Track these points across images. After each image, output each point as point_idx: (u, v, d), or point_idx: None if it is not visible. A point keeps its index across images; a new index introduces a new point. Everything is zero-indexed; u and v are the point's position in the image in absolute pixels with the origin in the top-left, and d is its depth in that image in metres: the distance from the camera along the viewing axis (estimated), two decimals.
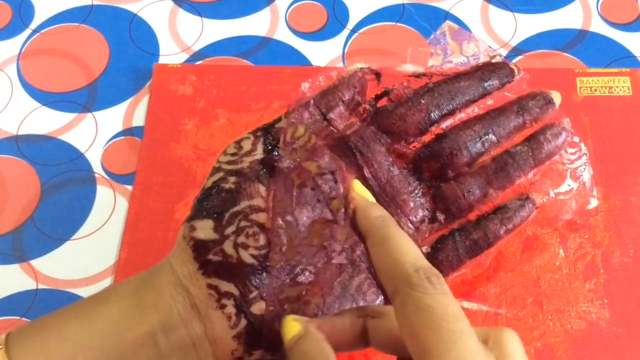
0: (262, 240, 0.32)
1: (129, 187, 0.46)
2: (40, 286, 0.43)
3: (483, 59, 0.38)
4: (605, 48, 0.51)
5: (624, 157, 0.46)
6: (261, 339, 0.31)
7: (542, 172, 0.37)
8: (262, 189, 0.32)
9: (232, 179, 0.33)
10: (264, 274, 0.31)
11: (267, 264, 0.31)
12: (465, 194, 0.36)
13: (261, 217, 0.32)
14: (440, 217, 0.36)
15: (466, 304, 0.39)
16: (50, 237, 0.45)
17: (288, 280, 0.31)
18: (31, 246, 0.45)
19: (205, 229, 0.32)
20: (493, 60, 0.38)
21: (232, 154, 0.34)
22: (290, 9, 0.54)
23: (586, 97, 0.48)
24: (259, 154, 0.34)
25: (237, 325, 0.31)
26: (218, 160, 0.34)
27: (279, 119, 0.35)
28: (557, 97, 0.37)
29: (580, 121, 0.47)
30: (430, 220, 0.36)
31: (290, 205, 0.32)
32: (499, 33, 0.52)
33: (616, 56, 0.51)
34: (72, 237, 0.45)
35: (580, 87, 0.48)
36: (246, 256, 0.31)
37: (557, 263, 0.42)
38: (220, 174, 0.33)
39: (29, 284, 0.43)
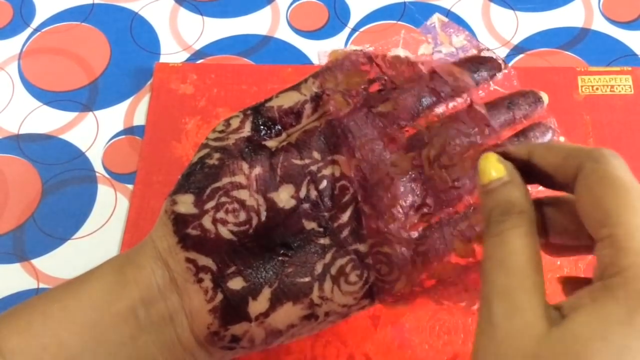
0: (242, 216, 0.32)
1: (130, 187, 0.46)
2: (41, 285, 0.43)
3: (472, 52, 0.38)
4: (606, 46, 0.51)
5: (625, 156, 0.44)
6: (237, 314, 0.32)
7: None
8: (245, 166, 0.33)
9: (217, 155, 0.33)
10: (243, 250, 0.32)
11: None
12: (456, 183, 0.36)
13: (242, 194, 0.32)
14: (430, 204, 0.36)
15: None
16: (51, 237, 0.45)
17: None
18: (32, 245, 0.45)
19: (185, 203, 0.32)
20: (481, 54, 0.38)
21: (220, 131, 0.35)
22: (291, 7, 0.54)
23: (587, 95, 0.48)
24: (246, 132, 0.34)
25: (213, 300, 0.32)
26: (207, 137, 0.35)
27: (269, 99, 0.36)
28: (545, 97, 0.38)
29: (581, 120, 0.47)
30: (419, 206, 0.36)
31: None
32: (500, 31, 0.52)
33: (618, 55, 0.51)
34: (73, 237, 0.45)
35: (581, 86, 0.48)
36: (225, 232, 0.32)
37: (558, 262, 0.42)
38: (206, 150, 0.34)
39: (29, 283, 0.43)
